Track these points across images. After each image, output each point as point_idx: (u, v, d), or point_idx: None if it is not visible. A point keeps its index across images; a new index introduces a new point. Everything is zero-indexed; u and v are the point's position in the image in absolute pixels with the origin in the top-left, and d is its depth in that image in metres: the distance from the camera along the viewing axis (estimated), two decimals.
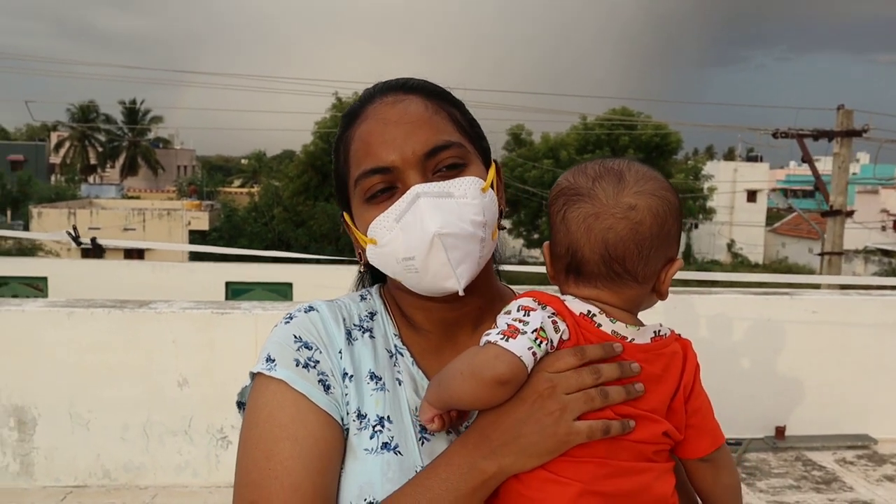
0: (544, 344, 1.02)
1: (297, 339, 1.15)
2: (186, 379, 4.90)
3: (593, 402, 1.01)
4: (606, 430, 1.01)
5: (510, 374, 1.00)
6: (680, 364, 1.10)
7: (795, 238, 44.63)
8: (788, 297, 6.20)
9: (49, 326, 4.92)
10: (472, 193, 1.12)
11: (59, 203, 37.50)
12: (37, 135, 68.68)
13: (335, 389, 1.13)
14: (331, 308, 1.21)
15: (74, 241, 6.09)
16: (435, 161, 1.13)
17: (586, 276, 1.10)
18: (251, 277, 10.04)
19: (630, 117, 35.59)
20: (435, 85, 1.22)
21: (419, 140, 1.13)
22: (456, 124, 1.18)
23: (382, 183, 1.13)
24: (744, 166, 51.13)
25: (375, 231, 1.14)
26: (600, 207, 1.08)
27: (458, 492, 1.02)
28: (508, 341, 1.00)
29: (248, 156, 65.37)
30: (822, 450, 5.92)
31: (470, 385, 1.02)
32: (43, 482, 4.88)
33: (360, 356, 1.17)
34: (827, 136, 13.55)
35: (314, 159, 32.87)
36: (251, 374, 1.16)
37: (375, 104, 1.18)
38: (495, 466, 1.02)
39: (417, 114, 1.15)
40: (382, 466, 1.09)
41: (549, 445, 1.01)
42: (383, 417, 1.13)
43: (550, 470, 1.02)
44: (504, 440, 1.02)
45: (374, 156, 1.13)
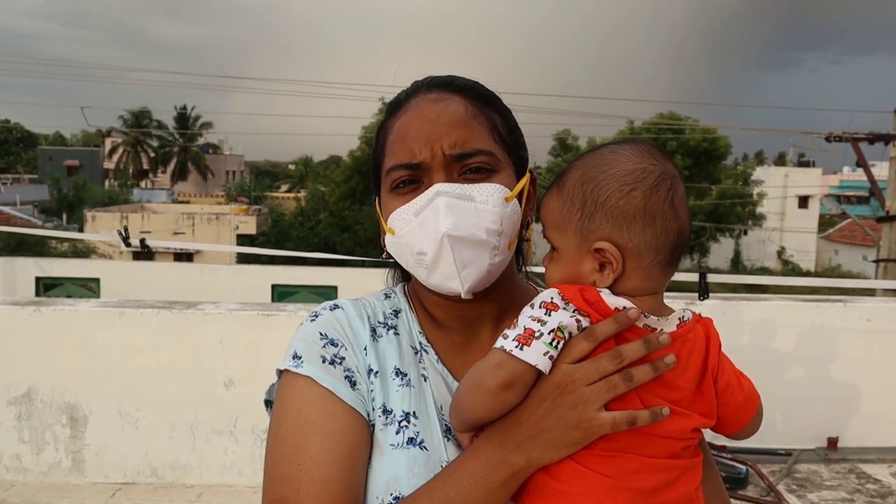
0: (562, 343, 1.00)
1: (323, 336, 1.18)
2: (232, 379, 4.96)
3: (616, 388, 0.99)
4: (632, 421, 0.98)
5: (512, 377, 0.99)
6: (703, 346, 1.08)
7: (849, 245, 43.57)
8: (842, 304, 6.04)
9: (100, 326, 5.02)
10: (493, 201, 1.13)
11: (112, 207, 38.40)
12: (92, 141, 70.55)
13: (361, 385, 1.15)
14: (356, 306, 1.24)
15: (124, 241, 6.23)
16: (462, 164, 1.15)
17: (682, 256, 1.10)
18: (297, 280, 10.13)
19: (678, 121, 35.12)
20: (483, 88, 1.23)
21: (450, 141, 1.14)
22: (493, 131, 1.18)
23: (409, 176, 1.16)
24: (795, 171, 50.06)
25: (395, 221, 1.17)
26: (684, 186, 1.09)
27: (487, 485, 1.02)
28: (523, 350, 0.99)
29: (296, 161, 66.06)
30: (877, 462, 5.75)
31: (479, 398, 1.02)
32: (93, 478, 4.98)
33: (385, 353, 1.19)
34: (883, 140, 13.20)
35: (360, 164, 33.09)
36: (278, 371, 1.19)
37: (419, 98, 1.20)
38: (524, 459, 1.01)
39: (456, 115, 1.16)
40: (408, 461, 1.10)
41: (574, 438, 1.00)
42: (409, 413, 1.14)
43: (581, 463, 1.01)
44: (529, 435, 1.01)
45: (407, 150, 1.16)
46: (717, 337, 1.11)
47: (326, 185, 37.95)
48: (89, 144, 69.33)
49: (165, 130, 65.79)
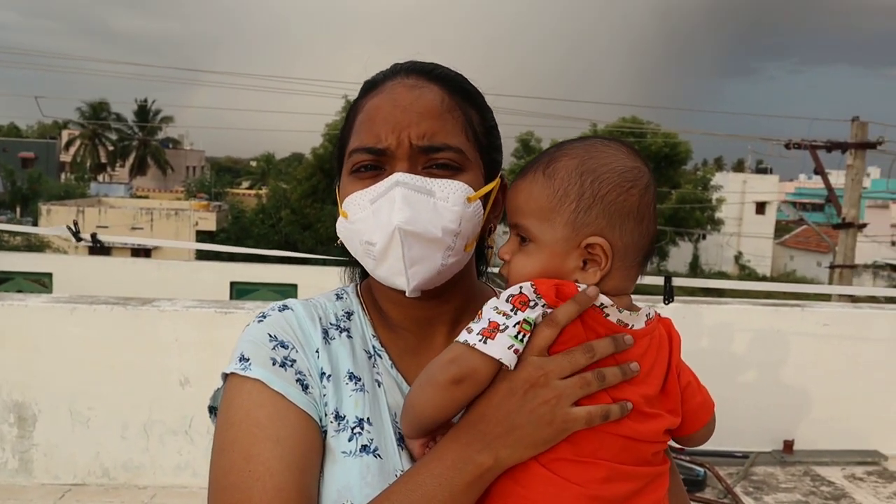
0: (528, 337, 0.96)
1: (273, 337, 1.11)
2: (188, 378, 4.86)
3: (590, 386, 0.96)
4: (606, 415, 0.95)
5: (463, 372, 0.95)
6: (667, 344, 1.06)
7: (804, 251, 44.44)
8: (799, 309, 6.11)
9: (51, 322, 4.88)
10: (454, 199, 1.08)
11: (68, 201, 37.69)
12: (48, 133, 69.05)
13: (313, 389, 1.09)
14: (306, 307, 1.17)
15: (74, 236, 6.03)
16: (428, 157, 1.09)
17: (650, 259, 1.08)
18: (256, 278, 10.01)
19: (640, 125, 35.51)
20: (466, 82, 1.18)
21: (419, 132, 1.09)
22: (467, 128, 1.13)
23: (371, 161, 1.10)
24: (753, 178, 50.98)
25: (350, 205, 1.11)
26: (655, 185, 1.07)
27: (452, 487, 0.96)
28: (487, 343, 0.95)
29: (258, 158, 65.52)
30: (831, 465, 5.83)
31: (428, 393, 0.98)
32: (42, 479, 4.83)
33: (338, 356, 1.13)
34: (841, 148, 13.46)
35: (323, 162, 32.91)
36: (223, 375, 1.11)
37: (395, 81, 1.15)
38: (491, 459, 0.96)
39: (430, 106, 1.10)
40: (361, 470, 1.04)
41: (545, 435, 0.95)
42: (363, 419, 1.08)
43: (550, 468, 0.96)
44: (498, 433, 0.96)
45: (373, 134, 1.10)
46: (678, 336, 1.09)
47: (288, 183, 37.70)
48: (45, 136, 67.88)
49: (124, 123, 64.72)
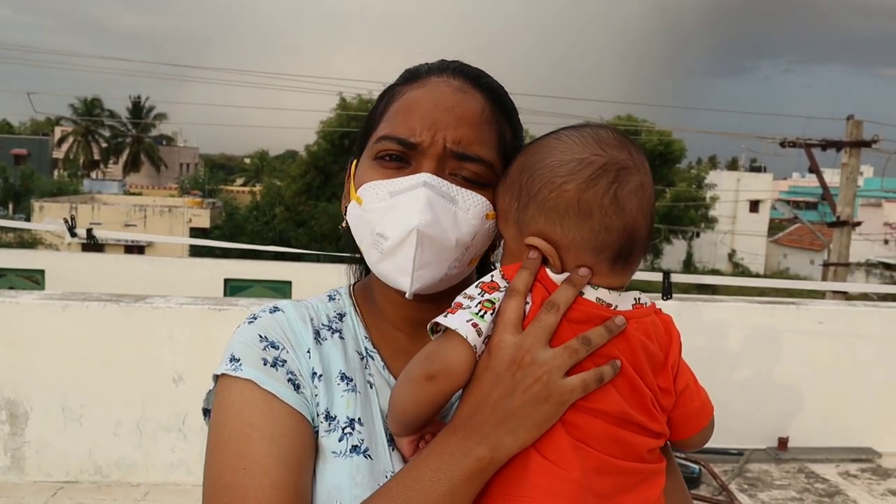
0: (489, 314, 0.95)
1: (263, 338, 1.10)
2: (182, 375, 4.83)
3: (577, 353, 0.94)
4: (600, 378, 0.94)
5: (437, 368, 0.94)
6: (664, 338, 1.02)
7: (797, 249, 44.59)
8: (794, 307, 6.12)
9: (43, 319, 4.85)
10: (475, 213, 1.06)
11: (61, 198, 37.58)
12: (41, 129, 68.79)
13: (305, 389, 1.08)
14: (297, 308, 1.16)
15: (70, 231, 6.01)
16: (457, 164, 1.08)
17: (636, 255, 1.00)
18: (250, 274, 9.97)
19: (634, 123, 35.55)
20: (507, 96, 1.16)
21: (455, 136, 1.07)
22: (500, 143, 1.10)
23: (399, 153, 1.08)
24: (747, 176, 51.13)
25: (366, 193, 1.09)
26: (642, 177, 1.00)
27: (451, 481, 0.93)
28: (447, 317, 0.95)
29: (251, 155, 65.38)
30: (826, 462, 5.84)
31: (405, 390, 0.97)
32: (34, 477, 4.80)
33: (330, 356, 1.12)
34: (836, 147, 13.48)
35: (317, 159, 32.85)
36: (214, 376, 1.10)
37: (441, 78, 1.12)
38: (491, 450, 0.94)
39: (471, 113, 1.08)
40: (351, 470, 1.03)
41: (544, 412, 0.93)
42: (354, 419, 1.07)
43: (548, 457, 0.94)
44: (495, 421, 0.94)
45: (408, 126, 1.08)
46: (678, 335, 1.06)
47: (282, 180, 37.62)
48: (38, 133, 67.61)
49: (118, 120, 64.49)
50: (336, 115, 32.37)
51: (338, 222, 1.19)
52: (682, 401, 1.04)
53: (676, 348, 1.04)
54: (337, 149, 31.85)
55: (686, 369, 1.06)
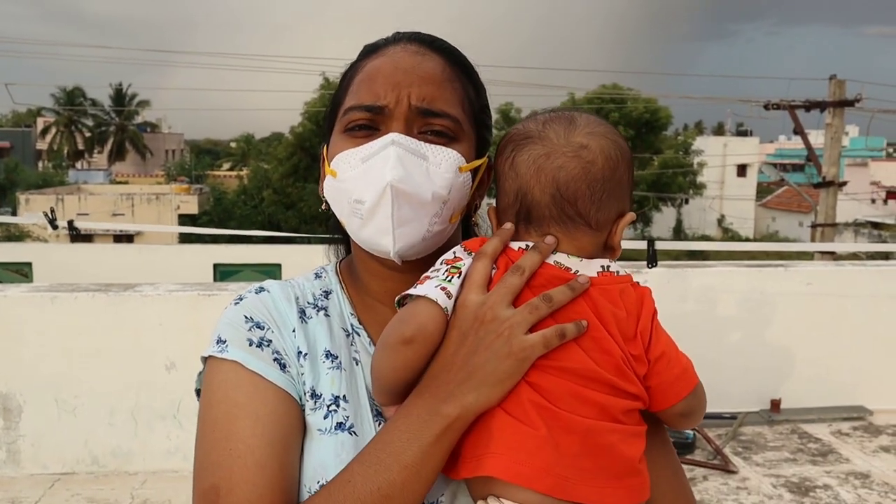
0: (456, 278, 0.99)
1: (248, 319, 1.11)
2: (174, 362, 4.82)
3: (538, 310, 0.96)
4: (562, 334, 0.95)
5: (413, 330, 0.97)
6: (632, 305, 1.03)
7: (785, 212, 44.75)
8: (783, 269, 6.15)
9: (32, 312, 4.83)
10: (446, 166, 1.08)
11: (47, 189, 37.26)
12: (23, 121, 68.09)
13: (291, 368, 1.09)
14: (282, 288, 1.17)
15: (50, 223, 5.95)
16: (425, 121, 1.09)
17: (536, 220, 1.05)
18: (239, 259, 9.95)
19: (620, 92, 35.44)
20: (465, 58, 1.18)
21: (419, 94, 1.09)
22: (464, 100, 1.13)
23: (367, 120, 1.10)
24: (734, 141, 51.11)
25: (339, 164, 1.10)
26: (550, 147, 1.05)
27: (421, 441, 0.95)
28: (416, 288, 0.98)
29: (237, 139, 64.97)
30: (818, 422, 5.90)
31: (383, 357, 0.99)
32: (30, 470, 4.80)
33: (315, 334, 1.13)
34: (819, 107, 13.47)
35: (303, 141, 32.68)
36: (203, 358, 1.12)
37: (397, 47, 1.14)
38: (458, 408, 0.95)
39: (431, 72, 1.11)
40: (336, 447, 1.04)
41: (507, 368, 0.95)
42: (339, 397, 1.08)
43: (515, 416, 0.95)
44: (460, 379, 0.96)
45: (372, 93, 1.09)
46: (652, 304, 1.06)
47: (269, 163, 37.44)
48: (20, 125, 66.93)
49: (101, 109, 63.88)
50: (320, 95, 32.16)
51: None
52: (659, 369, 1.04)
53: (647, 316, 1.04)
54: (322, 129, 31.67)
55: (662, 338, 1.05)
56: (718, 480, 4.89)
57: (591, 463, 0.96)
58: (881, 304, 6.09)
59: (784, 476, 4.98)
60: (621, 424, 0.99)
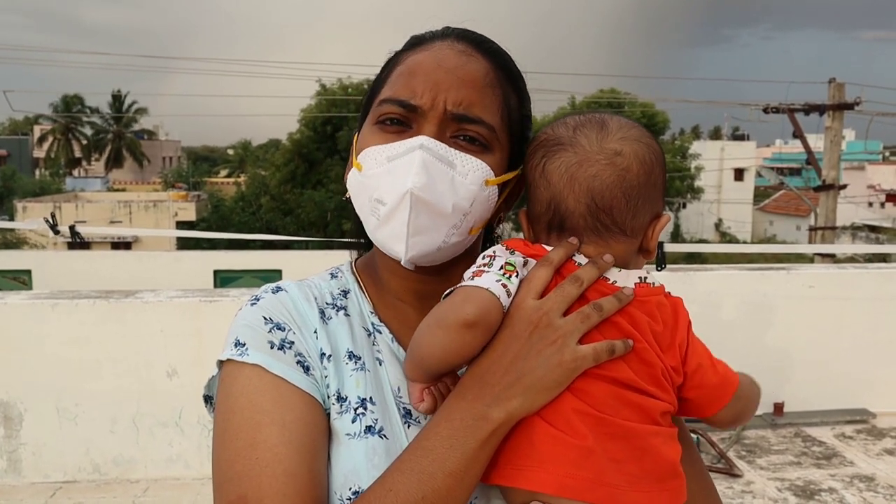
0: (514, 277, 0.96)
1: (268, 320, 1.06)
2: (176, 369, 4.80)
3: (590, 319, 0.95)
4: (612, 350, 0.94)
5: (477, 313, 0.92)
6: (668, 318, 1.02)
7: (783, 216, 44.78)
8: (785, 272, 6.15)
9: (33, 319, 4.80)
10: (473, 178, 1.04)
11: (44, 197, 37.20)
12: (20, 129, 68.01)
13: (314, 371, 1.05)
14: (300, 287, 1.13)
15: (52, 229, 5.93)
16: (459, 127, 1.05)
17: (571, 230, 1.02)
18: (240, 265, 9.92)
19: (617, 96, 35.49)
20: (513, 62, 1.13)
21: (457, 98, 1.04)
22: (504, 109, 1.09)
23: (400, 116, 1.06)
24: (731, 145, 51.15)
25: (366, 158, 1.07)
26: (584, 155, 1.02)
27: (465, 447, 0.91)
28: (474, 280, 0.95)
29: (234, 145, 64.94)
30: (821, 425, 5.89)
31: (437, 336, 0.94)
32: (31, 479, 4.78)
33: (337, 335, 1.09)
34: (818, 110, 13.47)
35: (300, 147, 32.60)
36: (218, 362, 1.07)
37: (445, 42, 1.10)
38: (503, 413, 0.92)
39: (475, 76, 1.06)
40: (367, 452, 1.00)
41: (556, 377, 0.93)
42: (365, 399, 1.04)
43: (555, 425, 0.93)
44: (507, 382, 0.93)
45: (409, 88, 1.06)
46: (686, 315, 1.06)
47: (267, 169, 37.34)
48: (17, 133, 66.84)
49: (98, 116, 63.83)
50: (317, 102, 32.13)
51: (324, 210, 1.17)
52: (697, 381, 1.03)
53: (683, 328, 1.04)
54: (319, 135, 31.64)
55: (698, 349, 1.05)
56: (723, 484, 4.87)
57: (637, 468, 0.94)
58: (883, 306, 6.09)
59: (789, 479, 4.97)
60: (661, 427, 0.98)
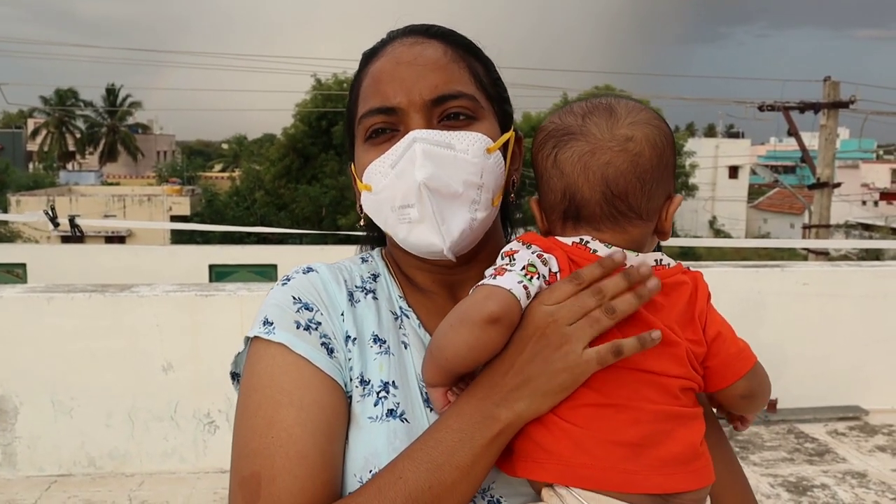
0: (535, 279, 0.96)
1: (297, 300, 1.08)
2: (171, 363, 4.80)
3: (599, 322, 0.94)
4: (618, 352, 0.93)
5: (501, 309, 0.93)
6: (687, 293, 1.04)
7: (777, 213, 44.91)
8: (779, 270, 6.17)
9: (28, 313, 4.79)
10: (473, 150, 1.05)
11: (38, 191, 37.08)
12: (13, 122, 67.73)
13: (338, 353, 1.06)
14: (331, 270, 1.15)
15: (51, 221, 5.91)
16: (442, 108, 1.07)
17: (587, 218, 1.03)
18: (235, 259, 9.90)
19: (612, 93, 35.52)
20: (462, 36, 1.16)
21: (428, 84, 1.07)
22: (474, 77, 1.11)
23: (384, 123, 1.08)
24: (725, 142, 51.25)
25: (371, 176, 1.08)
26: (595, 143, 1.02)
27: (473, 442, 0.94)
28: (496, 279, 0.95)
29: (229, 140, 64.78)
30: (814, 422, 5.92)
31: (462, 334, 0.95)
32: (26, 472, 4.77)
33: (364, 318, 1.10)
34: (813, 108, 13.52)
35: (295, 142, 32.55)
36: (246, 338, 1.09)
37: (394, 44, 1.13)
38: (511, 413, 0.94)
39: (433, 58, 1.09)
40: (388, 435, 1.02)
41: (561, 381, 0.94)
42: (388, 383, 1.06)
43: (568, 420, 0.94)
44: (514, 384, 0.95)
45: (381, 94, 1.08)
46: (706, 287, 1.07)
47: (261, 164, 37.28)
48: (10, 126, 66.56)
49: (92, 109, 63.59)
50: (312, 96, 32.07)
51: (319, 205, 1.18)
52: (716, 349, 1.05)
53: (703, 300, 1.05)
54: (314, 130, 31.58)
55: (717, 318, 1.07)
56: None
57: (658, 451, 0.95)
58: (876, 303, 6.12)
59: (781, 476, 4.99)
60: (683, 406, 0.99)
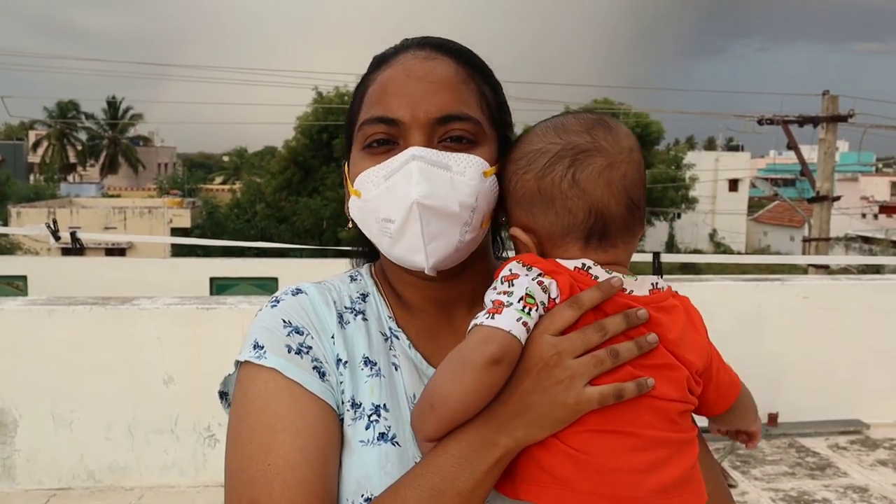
0: (534, 311, 0.95)
1: (287, 323, 1.08)
2: (172, 376, 4.79)
3: (603, 364, 0.94)
4: (619, 395, 0.94)
5: (501, 350, 0.92)
6: (683, 319, 1.05)
7: (777, 226, 44.95)
8: (780, 283, 6.17)
9: (29, 325, 4.79)
10: (470, 173, 1.05)
11: (39, 202, 37.15)
12: (15, 134, 67.87)
13: (330, 377, 1.06)
14: (320, 290, 1.14)
15: (53, 235, 5.93)
16: (445, 129, 1.06)
17: (613, 234, 1.02)
18: (236, 272, 9.89)
19: (611, 107, 35.60)
20: (476, 55, 1.15)
21: (435, 102, 1.06)
22: (482, 101, 1.10)
23: (384, 134, 1.07)
24: (725, 156, 51.42)
25: (362, 183, 1.08)
26: (610, 157, 1.02)
27: (474, 468, 0.94)
28: (494, 318, 0.94)
29: (230, 152, 64.94)
30: (815, 436, 5.90)
31: (465, 380, 0.94)
32: (25, 485, 4.75)
33: (354, 340, 1.10)
34: (812, 122, 13.56)
35: (296, 155, 32.64)
36: (236, 362, 1.08)
37: (407, 55, 1.11)
38: (511, 440, 0.94)
39: (444, 76, 1.08)
40: (380, 459, 1.01)
41: (559, 415, 0.94)
42: (379, 406, 1.05)
43: (570, 445, 0.95)
44: (513, 412, 0.95)
45: (386, 104, 1.07)
46: (698, 314, 1.09)
47: (262, 177, 37.37)
48: (12, 138, 66.70)
49: (94, 121, 63.76)
50: (313, 109, 32.17)
51: (320, 217, 1.18)
52: (716, 380, 1.07)
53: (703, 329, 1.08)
54: (315, 143, 31.67)
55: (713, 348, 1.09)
56: None
57: (658, 477, 0.96)
58: (877, 317, 6.11)
59: (783, 490, 4.98)
60: (681, 432, 1.00)
